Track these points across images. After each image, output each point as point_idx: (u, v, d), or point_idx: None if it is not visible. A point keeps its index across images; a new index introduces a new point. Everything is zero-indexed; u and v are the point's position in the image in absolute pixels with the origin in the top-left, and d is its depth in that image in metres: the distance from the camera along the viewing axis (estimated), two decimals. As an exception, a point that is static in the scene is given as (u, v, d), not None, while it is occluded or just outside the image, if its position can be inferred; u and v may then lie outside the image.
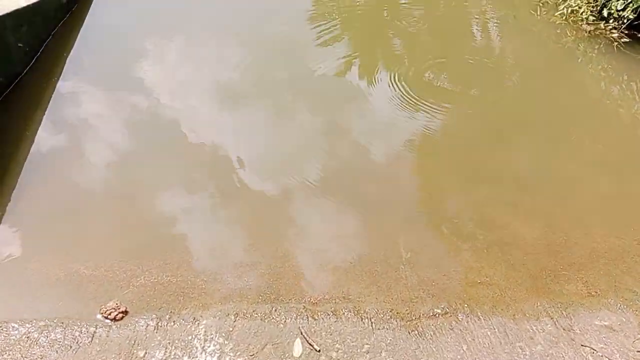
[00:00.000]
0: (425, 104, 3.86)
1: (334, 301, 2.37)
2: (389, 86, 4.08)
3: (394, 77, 4.15)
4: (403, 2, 5.57)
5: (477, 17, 5.22)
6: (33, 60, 3.91)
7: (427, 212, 2.92)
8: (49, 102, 3.62)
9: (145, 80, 3.96)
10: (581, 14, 4.91)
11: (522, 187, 3.09)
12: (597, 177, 3.21)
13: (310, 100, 3.91)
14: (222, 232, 2.76)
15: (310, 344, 2.11)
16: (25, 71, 3.80)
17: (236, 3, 5.25)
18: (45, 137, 3.34)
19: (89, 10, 4.72)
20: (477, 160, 3.33)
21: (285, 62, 4.38)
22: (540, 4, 5.22)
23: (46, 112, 3.53)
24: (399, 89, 4.03)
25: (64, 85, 3.78)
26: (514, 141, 3.52)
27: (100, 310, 2.24)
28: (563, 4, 5.03)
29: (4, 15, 3.49)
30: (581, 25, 4.85)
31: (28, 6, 3.81)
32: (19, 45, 3.72)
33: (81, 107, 3.63)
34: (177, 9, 5.01)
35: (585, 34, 4.75)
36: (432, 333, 2.20)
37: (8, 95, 3.59)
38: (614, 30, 4.72)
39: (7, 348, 2.07)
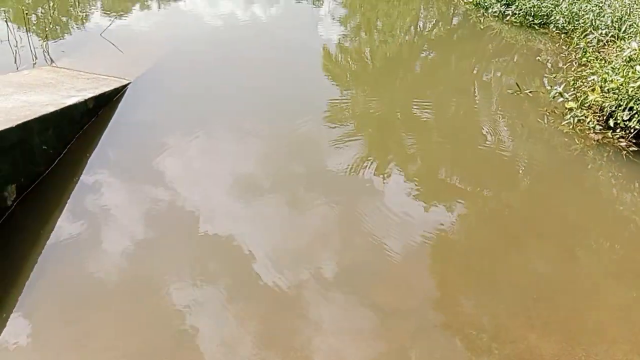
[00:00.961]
0: (438, 203, 3.89)
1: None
2: (403, 184, 4.17)
3: (407, 176, 4.26)
4: (415, 105, 5.80)
5: (487, 122, 5.39)
6: (55, 162, 4.06)
7: (441, 321, 2.81)
8: (69, 197, 3.73)
9: (165, 172, 4.12)
10: (588, 123, 5.04)
11: (538, 296, 2.97)
12: (616, 286, 3.09)
13: (324, 196, 4.00)
14: (233, 329, 2.71)
15: None
16: (47, 171, 3.94)
17: (255, 104, 5.52)
18: (63, 227, 3.44)
19: (114, 114, 4.98)
20: (492, 265, 3.26)
21: (301, 158, 4.54)
22: (547, 113, 5.38)
23: (66, 205, 3.64)
24: (412, 187, 4.12)
25: (85, 178, 3.92)
26: (529, 247, 3.46)
27: None
28: (569, 113, 5.18)
29: (32, 120, 3.69)
30: (589, 133, 4.96)
31: (56, 111, 4.04)
32: (44, 147, 3.89)
33: (100, 198, 3.74)
34: (200, 108, 5.29)
35: (594, 142, 4.83)
36: None
37: (28, 194, 3.70)
38: (621, 139, 4.80)
39: None
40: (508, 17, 7.44)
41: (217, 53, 6.83)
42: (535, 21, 7.43)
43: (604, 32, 6.45)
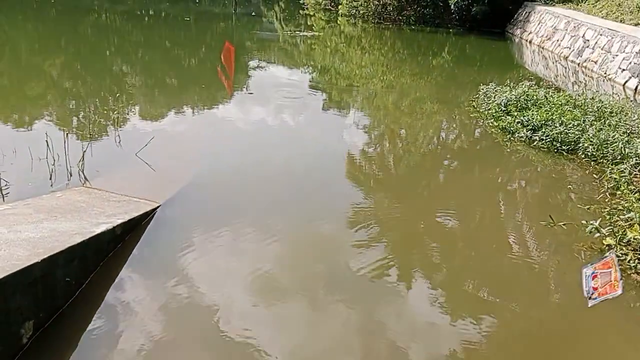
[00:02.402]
0: (464, 316, 3.78)
1: None
2: (426, 292, 4.10)
3: (432, 283, 4.20)
4: (438, 213, 5.83)
5: (513, 230, 5.32)
6: (76, 294, 3.97)
7: None
8: (87, 335, 3.61)
9: (188, 271, 4.25)
10: (628, 262, 4.79)
11: None
12: None
13: (346, 299, 3.98)
14: None
15: None
16: (66, 304, 3.84)
17: (282, 207, 5.74)
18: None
19: (141, 238, 4.96)
20: None
21: (323, 260, 4.60)
22: (584, 249, 5.16)
23: (83, 343, 3.50)
24: (437, 296, 4.05)
25: (105, 311, 3.81)
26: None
27: None
28: (608, 250, 4.96)
29: (58, 253, 3.67)
30: (630, 273, 4.70)
31: (83, 241, 4.03)
32: (66, 279, 3.83)
33: (119, 336, 3.62)
34: (223, 206, 5.36)
35: (636, 283, 4.57)
36: None
37: (45, 330, 3.57)
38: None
39: None
40: (535, 143, 7.42)
41: (248, 160, 7.16)
42: (563, 147, 7.38)
43: (634, 161, 6.40)
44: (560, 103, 8.18)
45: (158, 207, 5.42)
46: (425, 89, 12.62)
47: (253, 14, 28.72)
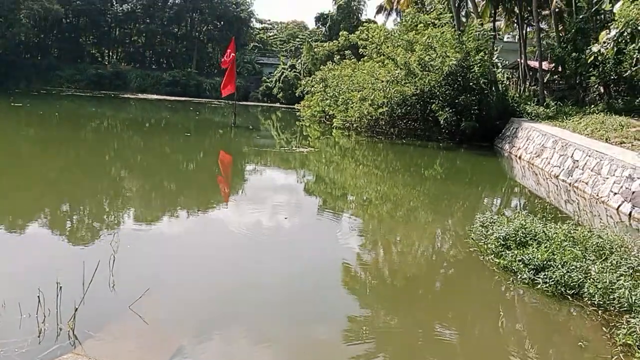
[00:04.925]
0: None
1: None
2: None
3: None
4: (437, 328, 5.58)
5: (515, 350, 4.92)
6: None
7: None
8: None
9: None
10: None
11: None
12: None
13: None
14: None
15: None
16: None
17: (274, 317, 5.40)
18: None
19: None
20: None
21: None
22: None
23: None
24: None
25: None
26: None
27: None
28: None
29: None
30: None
31: None
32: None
33: None
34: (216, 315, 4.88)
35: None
36: None
37: None
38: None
39: None
40: (539, 285, 6.81)
41: (241, 270, 6.85)
42: (568, 292, 6.58)
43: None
44: (559, 239, 7.80)
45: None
46: (418, 199, 12.72)
47: (251, 127, 29.85)
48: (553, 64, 27.04)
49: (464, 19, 31.87)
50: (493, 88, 24.66)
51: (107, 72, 66.91)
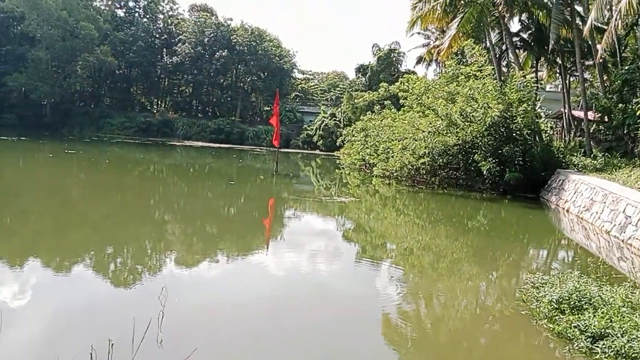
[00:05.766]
0: None
1: None
2: None
3: None
4: None
5: None
6: None
7: None
8: None
9: None
10: None
11: None
12: None
13: None
14: None
15: None
16: None
17: None
18: None
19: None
20: None
21: None
22: None
23: None
24: None
25: None
26: None
27: None
28: None
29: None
30: None
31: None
32: None
33: None
34: None
35: None
36: None
37: None
38: None
39: None
40: (597, 355, 6.37)
41: (282, 323, 6.72)
42: None
43: None
44: (617, 305, 7.38)
45: None
46: (462, 251, 12.39)
47: (292, 174, 30.19)
48: (599, 115, 26.47)
49: (504, 69, 31.91)
50: (537, 138, 24.26)
51: (156, 120, 69.88)
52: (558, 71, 33.30)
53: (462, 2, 25.93)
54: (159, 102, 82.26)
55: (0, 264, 8.45)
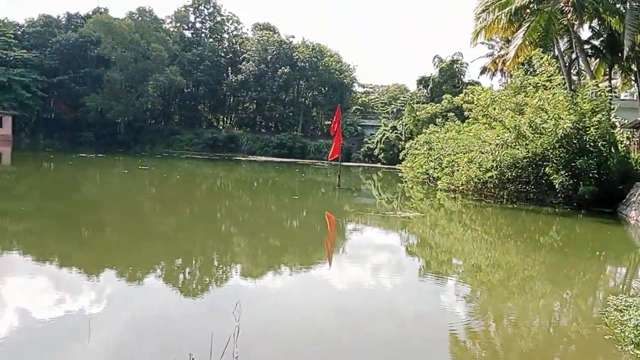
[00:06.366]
0: None
1: None
2: None
3: None
4: None
5: None
6: None
7: None
8: None
9: None
10: None
11: None
12: None
13: None
14: None
15: None
16: None
17: None
18: None
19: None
20: None
21: None
22: None
23: None
24: None
25: None
26: None
27: None
28: None
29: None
30: None
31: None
32: None
33: None
34: None
35: None
36: None
37: None
38: None
39: None
40: None
41: (349, 338, 6.65)
42: None
43: None
44: None
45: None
46: (534, 268, 11.84)
47: (353, 188, 30.15)
48: (682, 123, 24.67)
49: (575, 78, 30.50)
50: (613, 150, 22.90)
51: (222, 136, 72.39)
52: (633, 78, 31.41)
53: (528, 10, 25.14)
54: (225, 118, 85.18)
55: (80, 274, 9.00)
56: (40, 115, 69.14)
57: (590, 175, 20.94)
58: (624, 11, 24.57)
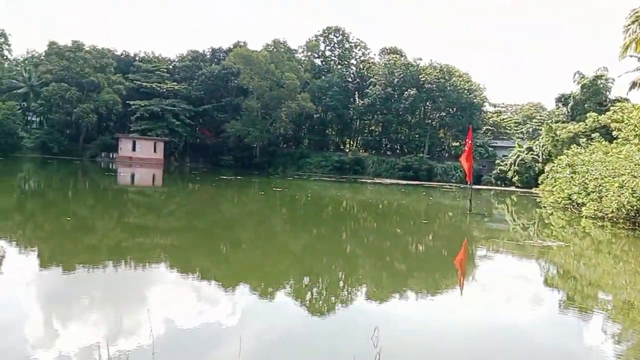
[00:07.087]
0: None
1: None
2: None
3: None
4: None
5: None
6: None
7: None
8: None
9: None
10: None
11: None
12: None
13: None
14: None
15: None
16: None
17: None
18: None
19: None
20: None
21: None
22: None
23: None
24: None
25: None
26: None
27: None
28: None
29: None
30: None
31: None
32: None
33: None
34: None
35: None
36: None
37: None
38: None
39: None
40: None
41: None
42: None
43: None
44: None
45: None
46: None
47: (486, 214, 28.59)
48: None
49: None
50: None
51: (348, 158, 73.90)
52: None
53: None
54: (351, 141, 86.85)
55: (216, 286, 9.65)
56: (187, 141, 76.77)
57: None
58: None
